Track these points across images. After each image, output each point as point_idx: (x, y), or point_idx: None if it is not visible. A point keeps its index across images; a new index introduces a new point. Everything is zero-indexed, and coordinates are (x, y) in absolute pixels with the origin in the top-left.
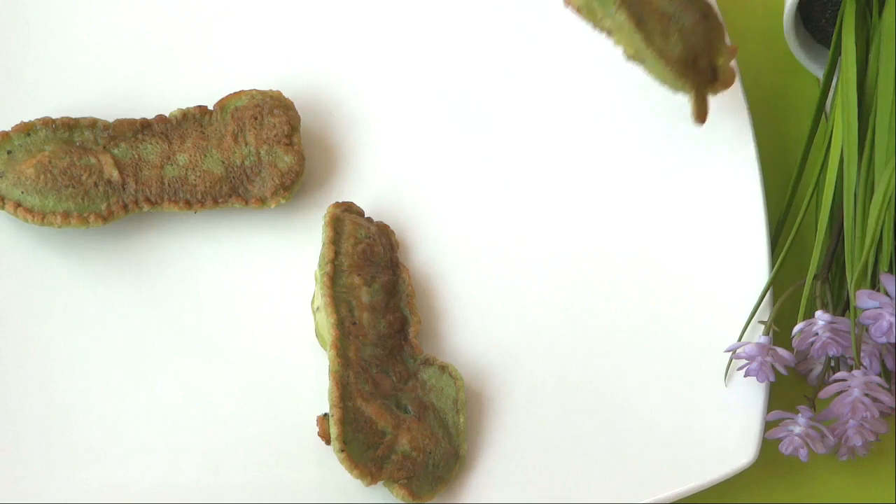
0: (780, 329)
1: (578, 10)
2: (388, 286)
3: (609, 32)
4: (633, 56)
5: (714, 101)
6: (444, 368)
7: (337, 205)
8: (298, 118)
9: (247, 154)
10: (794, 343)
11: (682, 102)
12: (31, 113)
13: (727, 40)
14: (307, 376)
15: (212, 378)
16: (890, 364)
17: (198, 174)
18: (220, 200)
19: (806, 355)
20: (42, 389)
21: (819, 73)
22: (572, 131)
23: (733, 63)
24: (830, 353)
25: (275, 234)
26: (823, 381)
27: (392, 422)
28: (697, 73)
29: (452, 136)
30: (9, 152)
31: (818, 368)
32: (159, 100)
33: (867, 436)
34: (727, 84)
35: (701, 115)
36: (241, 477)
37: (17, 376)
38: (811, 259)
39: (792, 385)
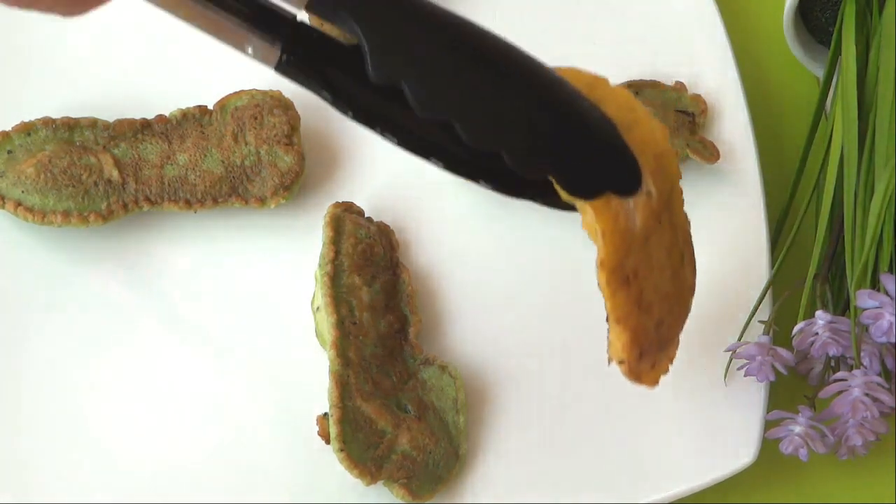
0: (780, 329)
1: None
2: (388, 286)
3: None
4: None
5: (713, 102)
6: (444, 368)
7: (337, 205)
8: (298, 118)
9: (247, 154)
10: (794, 343)
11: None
12: (31, 113)
13: (666, 83)
14: (307, 376)
15: (211, 378)
16: (890, 364)
17: (198, 174)
18: (220, 200)
19: (806, 355)
20: (42, 388)
21: (819, 73)
22: None
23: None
24: (830, 353)
25: (275, 234)
26: (823, 381)
27: (392, 421)
28: (677, 133)
29: None
30: (9, 152)
31: (818, 368)
32: (159, 100)
33: (867, 435)
34: (703, 111)
35: (711, 157)
36: (240, 476)
37: (17, 375)
38: (811, 259)
39: (792, 385)
